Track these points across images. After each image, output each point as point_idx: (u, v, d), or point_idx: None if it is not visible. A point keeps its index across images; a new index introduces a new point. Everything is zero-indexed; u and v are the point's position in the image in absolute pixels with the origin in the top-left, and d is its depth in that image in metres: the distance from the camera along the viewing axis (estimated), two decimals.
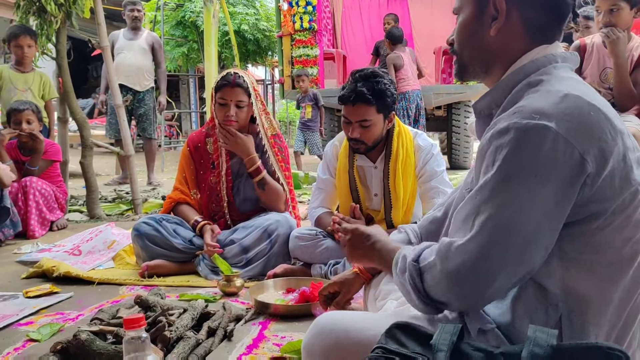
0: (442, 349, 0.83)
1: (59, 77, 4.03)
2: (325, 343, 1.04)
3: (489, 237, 0.90)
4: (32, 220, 3.30)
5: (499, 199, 0.90)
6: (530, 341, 0.79)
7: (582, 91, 0.93)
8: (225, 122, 2.46)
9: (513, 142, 0.89)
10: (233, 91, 2.44)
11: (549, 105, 0.89)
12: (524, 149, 0.88)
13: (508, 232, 0.89)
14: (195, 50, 10.35)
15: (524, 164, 0.89)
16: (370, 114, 2.10)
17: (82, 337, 1.50)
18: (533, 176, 0.88)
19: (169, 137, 11.71)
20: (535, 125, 0.88)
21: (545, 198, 0.88)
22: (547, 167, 0.87)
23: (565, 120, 0.88)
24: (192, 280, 2.34)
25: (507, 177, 0.90)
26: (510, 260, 0.90)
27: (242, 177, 2.58)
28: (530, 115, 0.89)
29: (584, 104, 0.90)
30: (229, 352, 1.58)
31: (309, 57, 6.76)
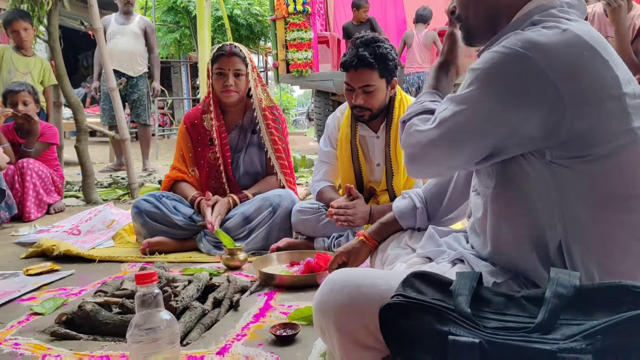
0: (463, 293, 0.81)
1: (51, 60, 3.97)
2: (338, 300, 1.03)
3: (442, 131, 1.00)
4: (29, 202, 3.26)
5: (462, 102, 0.97)
6: (554, 282, 0.78)
7: (584, 31, 0.93)
8: (224, 92, 2.45)
9: (491, 61, 0.93)
10: (230, 60, 2.44)
11: (543, 37, 0.91)
12: (497, 68, 0.93)
13: (457, 132, 0.98)
14: (188, 37, 10.26)
15: (491, 83, 0.93)
16: (373, 78, 2.10)
17: (88, 308, 1.49)
18: (494, 96, 0.93)
19: (162, 125, 11.62)
20: (517, 51, 0.90)
21: (504, 119, 0.92)
22: (512, 92, 0.91)
23: (553, 54, 0.89)
24: (194, 256, 2.33)
25: (474, 90, 0.95)
26: (452, 156, 1.01)
27: (241, 152, 2.56)
28: (515, 44, 0.91)
29: (580, 43, 0.90)
30: (236, 321, 1.56)
31: (303, 40, 6.69)
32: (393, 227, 1.49)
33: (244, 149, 2.56)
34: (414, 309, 0.80)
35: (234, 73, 2.45)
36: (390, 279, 1.00)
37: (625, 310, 0.72)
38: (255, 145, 2.60)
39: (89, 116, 8.09)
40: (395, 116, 2.23)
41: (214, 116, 2.54)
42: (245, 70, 2.49)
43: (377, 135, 2.28)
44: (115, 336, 1.44)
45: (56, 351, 1.37)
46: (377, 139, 2.29)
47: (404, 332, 0.80)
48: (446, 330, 0.76)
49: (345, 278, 1.05)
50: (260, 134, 2.56)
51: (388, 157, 2.26)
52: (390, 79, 2.16)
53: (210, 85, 2.53)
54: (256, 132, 2.59)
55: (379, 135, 2.28)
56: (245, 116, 2.61)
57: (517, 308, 0.79)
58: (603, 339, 0.69)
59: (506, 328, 0.76)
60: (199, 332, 1.46)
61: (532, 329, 0.74)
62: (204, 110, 2.60)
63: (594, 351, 0.68)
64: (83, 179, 3.89)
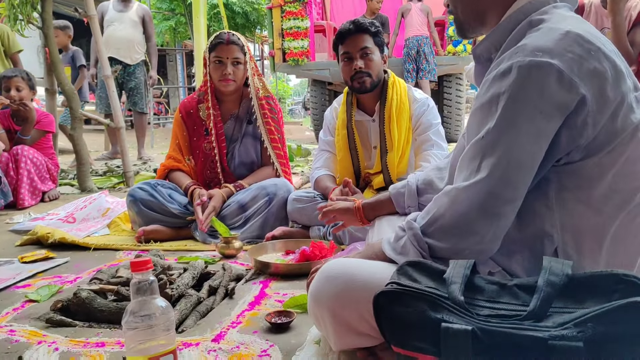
0: (456, 282, 0.82)
1: (45, 47, 3.94)
2: (333, 289, 1.04)
3: (500, 176, 0.91)
4: (23, 189, 3.25)
5: (508, 137, 0.91)
6: (546, 270, 0.79)
7: (583, 29, 0.93)
8: (222, 80, 2.44)
9: (518, 80, 0.90)
10: (229, 48, 2.43)
11: (551, 42, 0.90)
12: (529, 86, 0.89)
13: (518, 169, 0.91)
14: (183, 24, 10.18)
15: (530, 101, 0.90)
16: (370, 42, 2.20)
17: (83, 295, 1.49)
18: (539, 113, 0.89)
19: (157, 114, 11.58)
20: (539, 62, 0.88)
21: (549, 133, 0.90)
22: (551, 103, 0.88)
23: (568, 57, 0.89)
24: (189, 244, 2.33)
25: (514, 115, 0.90)
26: (518, 195, 0.92)
27: (236, 142, 2.56)
28: (533, 53, 0.89)
29: (585, 43, 0.91)
30: (231, 308, 1.57)
31: (300, 29, 6.66)
32: (388, 205, 1.49)
33: (240, 139, 2.56)
34: (407, 297, 0.81)
35: (232, 62, 2.44)
36: (386, 268, 1.01)
37: (617, 299, 0.73)
38: (250, 136, 2.59)
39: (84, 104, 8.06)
40: (389, 96, 2.26)
41: (210, 105, 2.52)
42: (243, 58, 2.48)
43: (373, 119, 2.30)
44: (111, 323, 1.45)
45: (51, 338, 1.37)
46: (373, 122, 2.31)
47: (398, 319, 0.81)
48: (439, 317, 0.77)
49: (341, 268, 1.06)
50: (257, 124, 2.56)
51: (382, 136, 2.28)
52: (382, 51, 2.25)
53: (207, 74, 2.51)
54: (252, 122, 2.58)
55: (374, 119, 2.30)
56: (241, 106, 2.60)
57: (510, 296, 0.80)
58: (594, 326, 0.70)
59: (499, 315, 0.77)
60: (194, 319, 1.47)
61: (524, 317, 0.75)
62: (199, 100, 2.59)
63: (584, 339, 0.69)
64: (78, 167, 3.88)
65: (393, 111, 2.25)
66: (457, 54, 6.52)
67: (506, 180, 0.91)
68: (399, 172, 2.26)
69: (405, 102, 2.27)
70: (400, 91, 2.29)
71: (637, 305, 0.71)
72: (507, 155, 0.91)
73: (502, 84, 0.92)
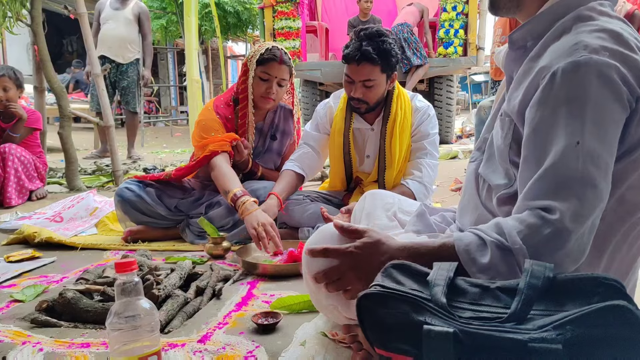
0: (439, 284, 0.83)
1: (34, 44, 3.90)
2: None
3: (597, 164, 0.88)
4: (10, 187, 3.22)
5: (591, 141, 0.88)
6: (527, 273, 0.80)
7: (630, 34, 0.95)
8: (264, 97, 2.34)
9: (589, 77, 0.89)
10: (280, 68, 2.32)
11: (610, 44, 0.91)
12: (602, 83, 0.89)
13: (604, 158, 0.89)
14: (175, 23, 10.13)
15: (602, 99, 0.89)
16: (374, 73, 2.09)
17: (69, 296, 1.48)
18: (610, 104, 0.89)
19: (148, 113, 11.52)
20: (607, 62, 0.89)
21: (619, 128, 0.90)
22: (617, 98, 0.89)
23: (626, 61, 0.90)
24: (177, 245, 2.32)
25: (592, 117, 0.89)
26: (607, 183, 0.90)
27: (258, 156, 2.54)
28: (600, 52, 0.90)
29: (634, 47, 0.93)
30: (218, 309, 1.57)
31: (292, 29, 6.65)
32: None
33: (262, 153, 2.53)
34: (391, 299, 0.81)
35: (278, 81, 2.34)
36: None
37: (596, 302, 0.74)
38: (274, 152, 2.57)
39: (73, 102, 8.01)
40: (392, 110, 2.24)
41: (249, 121, 2.41)
42: (288, 81, 2.39)
43: (372, 128, 2.30)
44: (96, 324, 1.44)
45: (36, 338, 1.36)
46: (371, 131, 2.30)
47: (381, 321, 0.82)
48: (422, 319, 0.77)
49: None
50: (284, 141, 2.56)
51: (382, 150, 2.27)
52: (391, 73, 2.16)
53: (245, 82, 2.37)
54: (276, 138, 2.55)
55: (374, 128, 2.29)
56: (266, 118, 2.54)
57: (492, 298, 0.81)
58: (573, 329, 0.71)
59: (480, 318, 0.77)
60: (180, 320, 1.46)
61: (505, 319, 0.75)
62: (234, 107, 2.45)
63: (564, 341, 0.70)
64: (66, 166, 3.85)
65: (397, 127, 2.23)
66: (448, 56, 6.54)
67: (601, 165, 0.89)
68: (395, 184, 2.27)
69: (408, 118, 2.25)
70: (404, 105, 2.25)
71: (615, 308, 0.72)
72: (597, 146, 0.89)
73: (575, 78, 0.90)
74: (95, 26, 5.55)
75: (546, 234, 0.86)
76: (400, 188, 2.24)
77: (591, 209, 0.87)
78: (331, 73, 6.68)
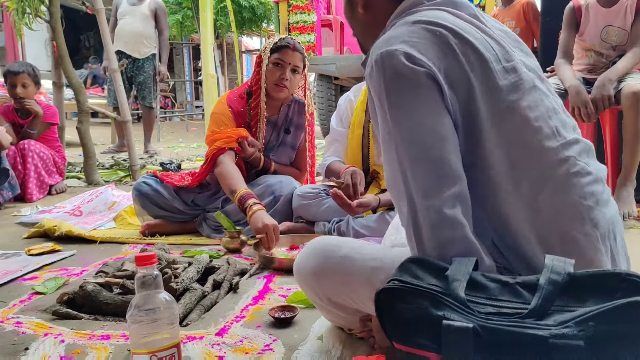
0: (458, 279, 0.82)
1: (53, 40, 3.95)
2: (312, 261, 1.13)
3: (413, 163, 0.89)
4: (30, 183, 3.28)
5: (397, 128, 0.90)
6: (548, 269, 0.79)
7: (436, 16, 0.95)
8: (277, 85, 2.36)
9: (378, 75, 0.91)
10: (293, 54, 2.36)
11: (398, 33, 0.93)
12: (389, 74, 0.90)
13: (428, 146, 0.89)
14: (190, 18, 10.18)
15: (394, 85, 0.90)
16: None
17: (89, 288, 1.50)
18: (408, 90, 0.89)
19: (163, 108, 11.60)
20: (387, 51, 0.90)
21: (427, 102, 0.89)
22: (411, 79, 0.89)
23: (412, 41, 0.91)
24: (194, 238, 2.34)
25: (391, 106, 0.90)
26: (443, 168, 0.88)
27: (272, 149, 2.55)
28: (383, 45, 0.92)
29: (432, 25, 0.93)
30: (235, 303, 1.58)
31: (306, 23, 6.64)
32: None
33: (275, 147, 2.53)
34: (409, 294, 0.81)
35: (292, 68, 2.36)
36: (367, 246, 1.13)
37: (618, 298, 0.73)
38: (288, 146, 2.57)
39: (91, 97, 8.11)
40: None
41: (261, 112, 2.42)
42: (301, 69, 2.41)
43: None
44: (116, 316, 1.46)
45: (58, 330, 1.39)
46: None
47: (400, 316, 0.81)
48: (441, 315, 0.77)
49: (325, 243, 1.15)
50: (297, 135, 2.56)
51: None
52: None
53: (259, 73, 2.40)
54: (290, 132, 2.55)
55: None
56: (280, 112, 2.54)
57: (512, 294, 0.80)
58: (595, 325, 0.70)
59: (500, 313, 0.77)
60: (198, 313, 1.48)
61: (525, 315, 0.75)
62: (247, 97, 2.47)
63: (585, 337, 0.69)
64: (85, 160, 3.90)
65: None
66: None
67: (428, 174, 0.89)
68: None
69: None
70: None
71: (638, 304, 0.71)
72: (415, 151, 0.89)
73: (371, 82, 0.93)
74: (113, 21, 5.61)
75: (405, 228, 0.93)
76: None
77: (420, 180, 0.88)
78: (346, 67, 6.66)
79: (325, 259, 1.10)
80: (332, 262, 1.09)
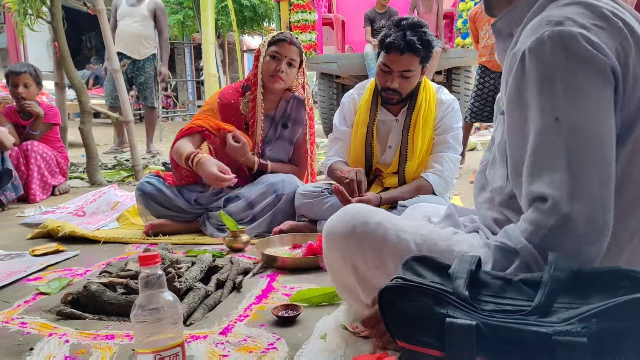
0: (461, 277, 0.83)
1: (54, 41, 3.96)
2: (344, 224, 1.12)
3: (581, 161, 0.83)
4: (34, 184, 3.29)
5: (569, 115, 0.85)
6: (551, 266, 0.79)
7: (606, 3, 0.92)
8: (273, 76, 2.40)
9: (554, 52, 0.86)
10: (290, 48, 2.42)
11: (574, 13, 0.89)
12: (569, 54, 0.86)
13: (596, 145, 0.84)
14: (191, 18, 10.18)
15: (573, 70, 0.86)
16: (414, 64, 2.09)
17: (93, 288, 1.51)
18: (587, 78, 0.85)
19: (165, 107, 11.62)
20: (570, 31, 0.86)
21: (603, 95, 0.86)
22: (593, 66, 0.85)
23: (592, 25, 0.87)
24: (197, 238, 2.35)
25: (566, 90, 0.86)
26: (606, 172, 0.84)
27: (270, 143, 2.56)
28: (564, 23, 0.87)
29: (608, 14, 0.89)
30: (239, 302, 1.58)
31: (308, 22, 6.63)
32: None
33: (273, 141, 2.54)
34: (412, 292, 0.81)
35: (288, 61, 2.41)
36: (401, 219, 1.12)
37: (622, 295, 0.73)
38: (285, 140, 2.58)
39: (93, 98, 8.12)
40: (418, 101, 2.23)
41: (258, 103, 2.45)
42: (298, 63, 2.45)
43: (397, 119, 2.29)
44: (120, 316, 1.47)
45: (62, 330, 1.39)
46: (396, 122, 2.29)
47: (403, 314, 0.82)
48: (444, 312, 0.77)
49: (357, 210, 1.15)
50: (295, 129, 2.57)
51: (405, 141, 2.26)
52: (425, 65, 2.16)
53: (257, 67, 2.45)
54: (287, 127, 2.56)
55: (398, 119, 2.28)
56: (278, 107, 2.57)
57: (515, 291, 0.81)
58: (598, 322, 0.70)
59: (503, 311, 0.77)
60: (202, 312, 1.48)
61: (528, 312, 0.75)
62: (243, 93, 2.52)
63: (589, 334, 0.69)
64: (87, 161, 3.91)
65: (420, 118, 2.22)
66: (466, 47, 6.46)
67: (590, 163, 0.83)
68: (415, 177, 2.26)
69: (432, 110, 2.24)
70: (429, 97, 2.24)
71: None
72: (579, 136, 0.84)
73: (540, 55, 0.88)
74: (113, 22, 5.61)
75: (548, 226, 0.83)
76: (419, 181, 2.23)
77: (586, 182, 0.82)
78: (348, 65, 6.66)
79: (360, 223, 1.09)
80: (366, 227, 1.09)
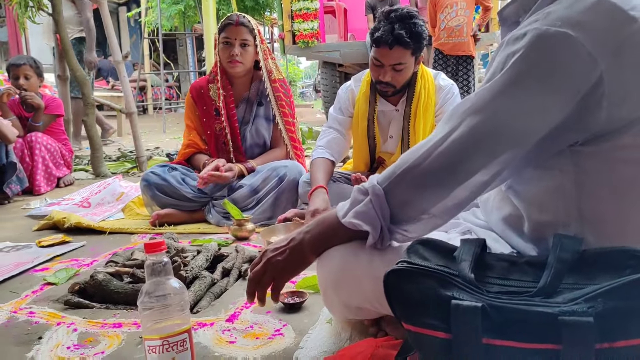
0: (466, 259, 0.83)
1: (56, 33, 3.95)
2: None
3: (476, 139, 0.87)
4: (38, 175, 3.30)
5: (500, 102, 0.86)
6: (557, 247, 0.79)
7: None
8: (229, 62, 2.45)
9: (528, 47, 0.83)
10: (238, 30, 2.44)
11: (576, 13, 0.82)
12: (539, 54, 0.82)
13: (498, 138, 0.86)
14: (192, 8, 10.12)
15: (534, 70, 0.83)
16: (405, 57, 2.07)
17: (99, 278, 1.52)
18: (541, 83, 0.83)
19: (169, 99, 11.60)
20: (556, 32, 0.81)
21: (549, 107, 0.83)
22: (560, 76, 0.81)
23: (592, 30, 0.80)
24: (202, 227, 2.35)
25: (513, 82, 0.85)
26: (493, 162, 0.87)
27: (248, 124, 2.57)
28: (553, 22, 0.82)
29: (618, 13, 0.81)
30: (245, 289, 1.58)
31: (309, 10, 6.60)
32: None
33: (251, 121, 2.57)
34: (417, 275, 0.81)
35: (240, 43, 2.44)
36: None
37: (628, 274, 0.72)
38: (262, 117, 2.60)
39: (95, 90, 8.11)
40: (416, 89, 2.22)
41: (220, 86, 2.52)
42: (252, 41, 2.48)
43: (397, 109, 2.28)
44: (127, 304, 1.48)
45: (70, 319, 1.41)
46: (396, 112, 2.28)
47: (408, 297, 0.82)
48: (449, 294, 0.77)
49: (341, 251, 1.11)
50: (270, 106, 2.57)
51: (406, 131, 2.25)
52: (419, 55, 2.13)
53: (217, 54, 2.51)
54: (262, 104, 2.59)
55: (398, 109, 2.27)
56: (251, 88, 2.61)
57: (520, 273, 0.81)
58: (604, 302, 0.70)
59: (509, 292, 0.77)
60: (208, 300, 1.49)
61: (534, 293, 0.75)
62: (209, 80, 2.59)
63: (594, 314, 0.69)
64: (92, 153, 3.92)
65: (420, 107, 2.21)
66: None
67: (482, 147, 0.87)
68: None
69: (432, 97, 2.22)
70: (428, 84, 2.23)
71: None
72: (491, 122, 0.86)
73: (514, 46, 0.86)
74: None
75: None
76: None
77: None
78: (350, 54, 6.63)
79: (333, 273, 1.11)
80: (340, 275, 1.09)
